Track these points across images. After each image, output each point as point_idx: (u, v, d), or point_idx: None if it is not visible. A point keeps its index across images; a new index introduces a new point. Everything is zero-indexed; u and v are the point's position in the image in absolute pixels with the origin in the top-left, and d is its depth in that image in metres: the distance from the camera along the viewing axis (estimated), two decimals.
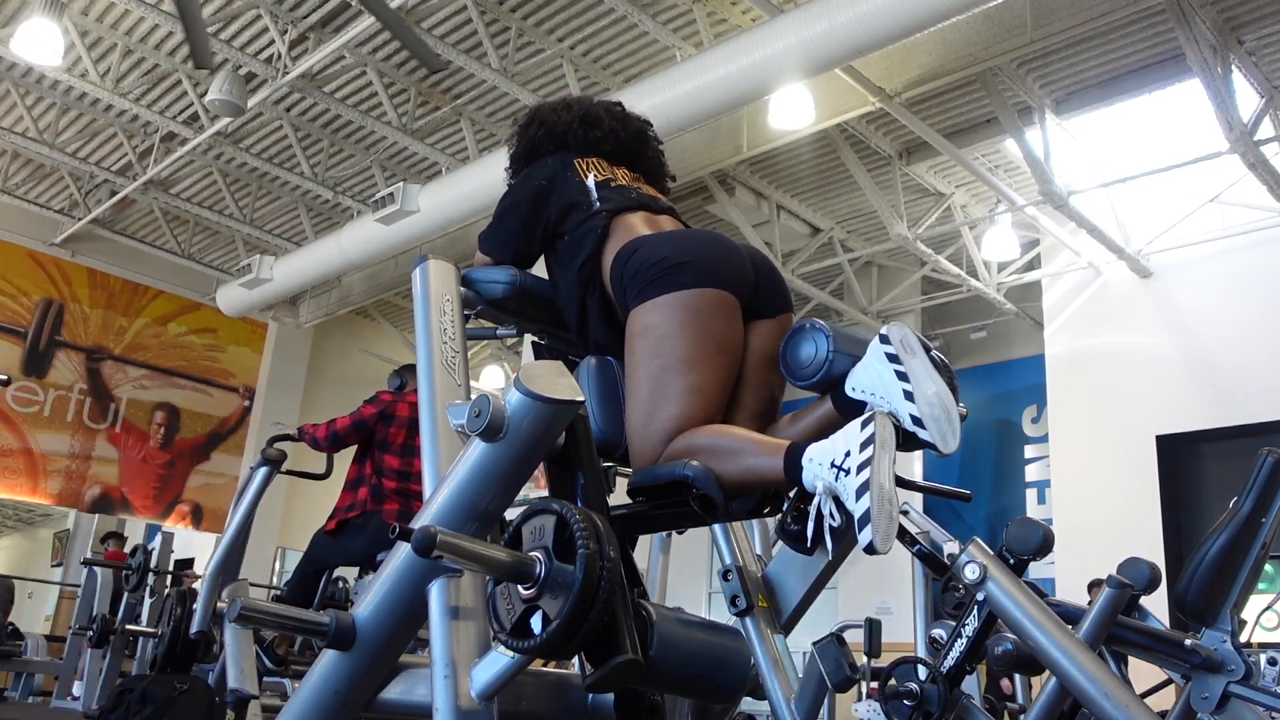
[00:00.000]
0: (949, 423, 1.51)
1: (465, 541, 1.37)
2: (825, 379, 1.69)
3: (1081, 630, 2.07)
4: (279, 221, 10.11)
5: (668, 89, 6.02)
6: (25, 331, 10.08)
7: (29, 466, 9.98)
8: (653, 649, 1.51)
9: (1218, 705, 2.18)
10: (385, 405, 4.50)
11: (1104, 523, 7.51)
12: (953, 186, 8.42)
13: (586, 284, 1.92)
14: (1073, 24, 5.71)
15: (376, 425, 4.47)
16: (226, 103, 6.91)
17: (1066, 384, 8.41)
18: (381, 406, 4.50)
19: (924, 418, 1.47)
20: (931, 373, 1.55)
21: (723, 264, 1.81)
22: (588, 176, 2.04)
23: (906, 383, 1.50)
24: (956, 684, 1.95)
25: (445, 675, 1.48)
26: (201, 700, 3.42)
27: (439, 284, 1.90)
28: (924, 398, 1.48)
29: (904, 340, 1.56)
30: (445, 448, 1.69)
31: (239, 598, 1.80)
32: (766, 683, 1.88)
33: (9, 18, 7.10)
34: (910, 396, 1.49)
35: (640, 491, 1.73)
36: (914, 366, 1.53)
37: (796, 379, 1.75)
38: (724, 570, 1.99)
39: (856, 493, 1.40)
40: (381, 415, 4.48)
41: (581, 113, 2.15)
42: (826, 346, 1.69)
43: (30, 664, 7.17)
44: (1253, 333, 7.49)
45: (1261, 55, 6.41)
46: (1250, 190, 7.21)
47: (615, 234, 1.92)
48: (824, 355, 1.69)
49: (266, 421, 11.05)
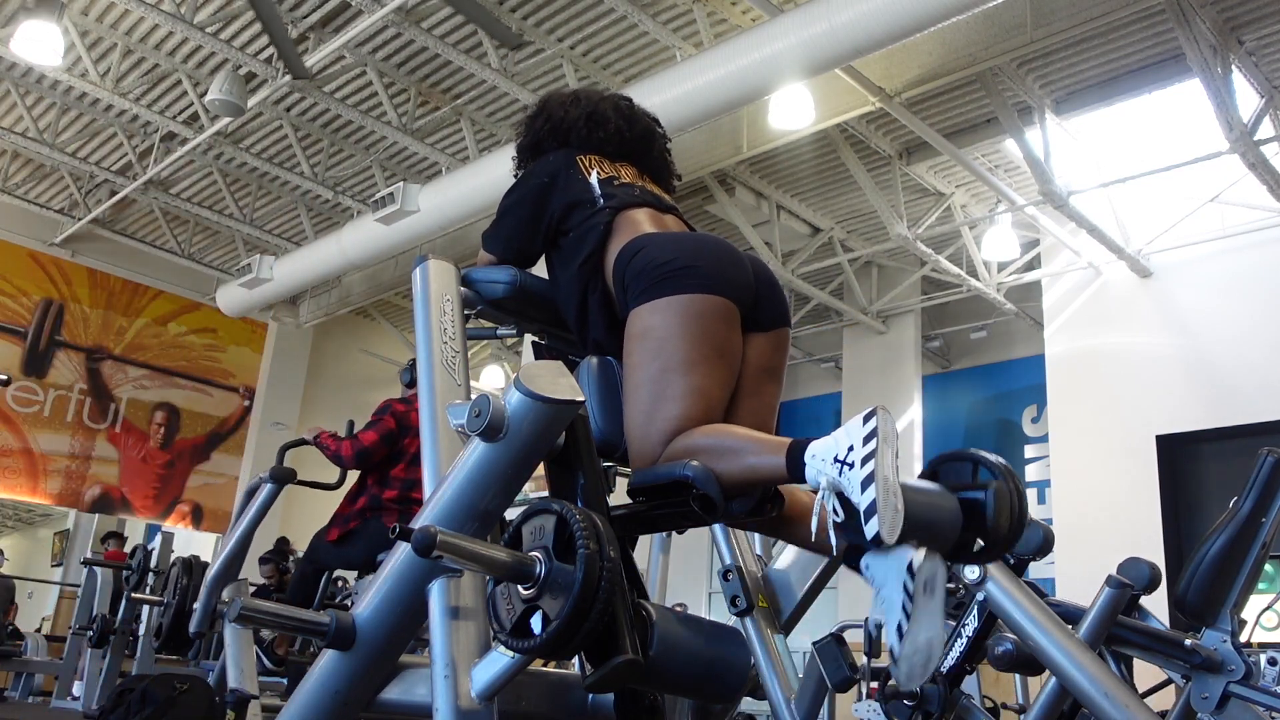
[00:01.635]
0: (923, 670, 1.47)
1: (465, 541, 1.37)
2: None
3: (1081, 630, 2.07)
4: (279, 221, 10.12)
5: (668, 89, 6.02)
6: (25, 331, 10.08)
7: (29, 466, 9.98)
8: (653, 649, 1.51)
9: (1218, 705, 2.18)
10: (401, 415, 4.41)
11: (1104, 523, 7.51)
12: (953, 186, 8.42)
13: (588, 281, 1.92)
14: (1073, 24, 5.71)
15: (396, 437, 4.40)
16: (226, 103, 6.91)
17: (1066, 384, 8.40)
18: (398, 416, 4.40)
19: (900, 658, 1.45)
20: (935, 619, 1.50)
21: (728, 272, 1.81)
22: (591, 173, 2.04)
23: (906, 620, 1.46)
24: (956, 684, 1.95)
25: (445, 675, 1.48)
26: (201, 700, 3.42)
27: (439, 284, 1.90)
28: (913, 644, 1.45)
29: (929, 582, 1.50)
30: (445, 448, 1.69)
31: (239, 598, 1.80)
32: (766, 683, 1.88)
33: (9, 18, 7.10)
34: (900, 634, 1.46)
35: (640, 491, 1.73)
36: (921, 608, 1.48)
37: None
38: (724, 570, 1.99)
39: (861, 485, 1.40)
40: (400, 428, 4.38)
41: (589, 110, 2.14)
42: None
43: (30, 664, 7.18)
44: (1253, 333, 7.49)
45: (1261, 55, 6.41)
46: (1250, 190, 7.21)
47: (619, 231, 1.92)
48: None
49: (266, 421, 11.06)
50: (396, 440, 4.38)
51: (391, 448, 4.37)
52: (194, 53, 7.59)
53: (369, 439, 4.29)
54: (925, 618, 1.45)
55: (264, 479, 3.67)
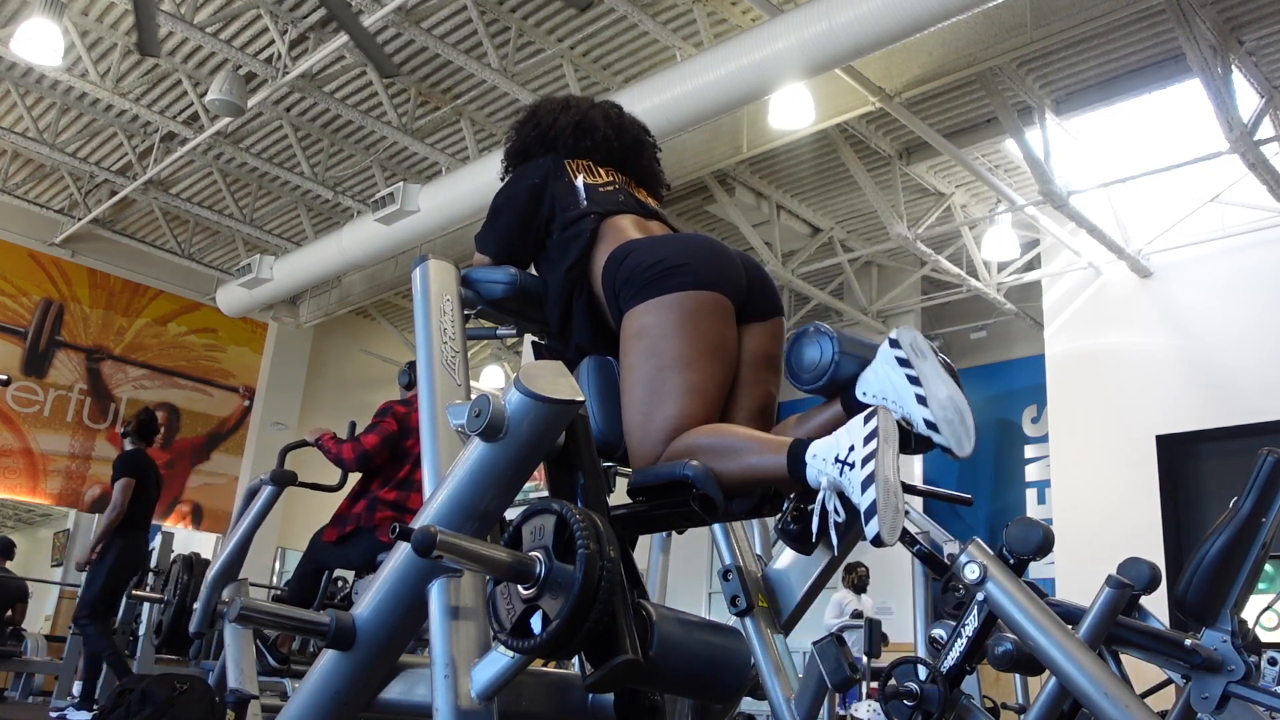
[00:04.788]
0: (963, 425, 1.50)
1: (465, 541, 1.37)
2: (830, 383, 1.69)
3: (1081, 630, 2.07)
4: (279, 221, 10.12)
5: (668, 89, 6.02)
6: (25, 331, 10.08)
7: (29, 466, 9.98)
8: (653, 649, 1.51)
9: (1218, 705, 2.18)
10: (401, 417, 4.42)
11: (1104, 523, 7.51)
12: (953, 186, 8.42)
13: (574, 285, 1.92)
14: (1073, 24, 5.71)
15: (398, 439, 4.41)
16: (226, 103, 6.92)
17: (1066, 384, 8.41)
18: (399, 418, 4.41)
19: (938, 421, 1.47)
20: (944, 376, 1.55)
21: (717, 267, 1.82)
22: (577, 178, 2.04)
23: (919, 387, 1.49)
24: (956, 684, 1.95)
25: (445, 675, 1.48)
26: (201, 700, 3.42)
27: (439, 284, 1.90)
28: (937, 401, 1.48)
29: (914, 344, 1.55)
30: (445, 448, 1.69)
31: (239, 597, 1.80)
32: (766, 683, 1.88)
33: (9, 18, 7.10)
34: (924, 401, 1.48)
35: (640, 491, 1.73)
36: (925, 370, 1.52)
37: (802, 383, 1.74)
38: (724, 570, 1.98)
39: (862, 485, 1.41)
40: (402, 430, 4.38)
41: (578, 118, 2.14)
42: (831, 350, 1.68)
43: (30, 664, 7.18)
44: (1252, 332, 7.49)
45: (1261, 55, 6.41)
46: (1250, 190, 7.22)
47: (605, 237, 1.93)
48: (829, 359, 1.68)
49: (266, 421, 11.07)
50: (398, 442, 4.38)
51: (393, 450, 4.36)
52: (194, 53, 7.59)
53: (370, 442, 4.30)
54: (932, 375, 1.51)
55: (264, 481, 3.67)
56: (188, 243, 10.55)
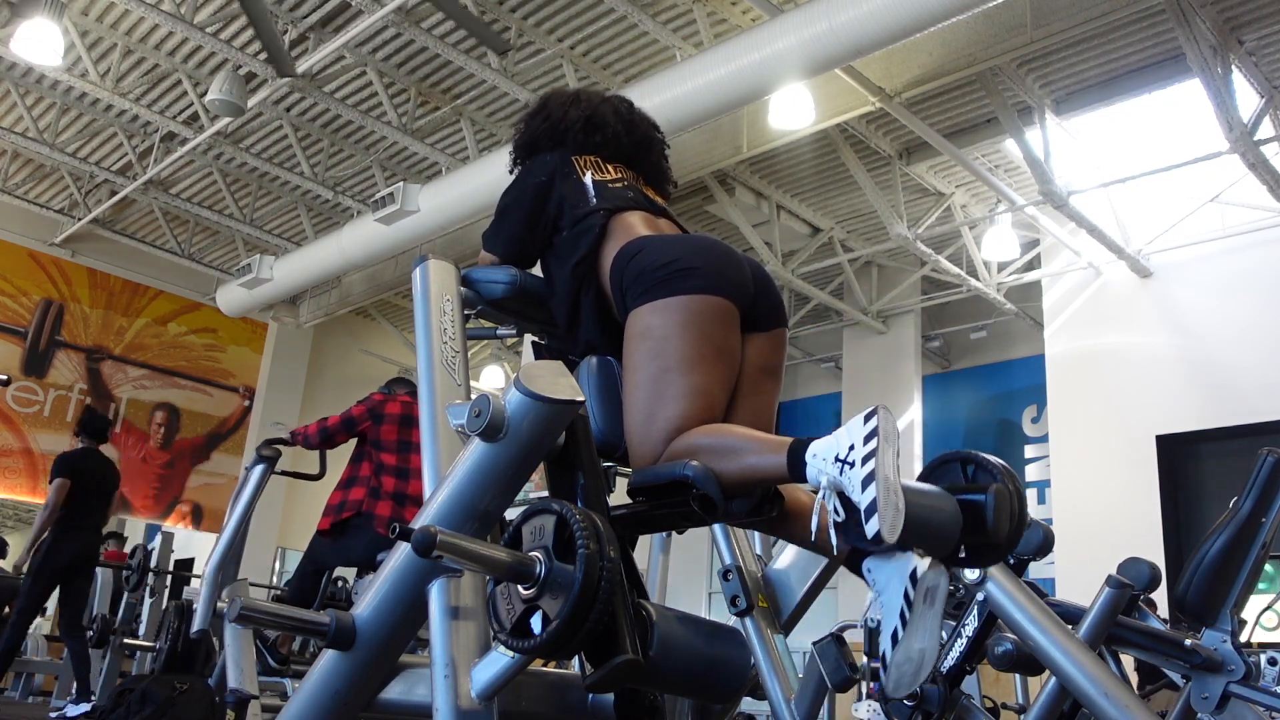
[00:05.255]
0: (910, 678, 1.46)
1: (465, 541, 1.37)
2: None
3: (1081, 630, 2.07)
4: (279, 221, 10.12)
5: (668, 89, 6.02)
6: (25, 331, 10.08)
7: (29, 466, 9.98)
8: (653, 649, 1.51)
9: (1218, 705, 2.18)
10: (375, 404, 4.58)
11: (1104, 523, 7.51)
12: (953, 186, 8.42)
13: (582, 281, 1.92)
14: (1073, 24, 5.71)
15: (368, 424, 4.52)
16: (226, 103, 6.92)
17: (1066, 384, 8.41)
18: (370, 405, 4.58)
19: (891, 664, 1.44)
20: (932, 629, 1.48)
21: (727, 272, 1.81)
22: (585, 174, 2.03)
23: (903, 627, 1.45)
24: (956, 684, 1.95)
25: (445, 675, 1.48)
26: (201, 700, 3.43)
27: (439, 284, 1.90)
28: (905, 649, 1.44)
29: (930, 592, 1.49)
30: (445, 448, 1.69)
31: (239, 598, 1.80)
32: (766, 683, 1.88)
33: (9, 18, 7.10)
34: (894, 640, 1.45)
35: (640, 491, 1.73)
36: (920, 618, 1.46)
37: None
38: (724, 570, 1.99)
39: (862, 484, 1.40)
40: (371, 414, 4.55)
41: (588, 113, 2.13)
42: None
43: (30, 664, 7.18)
44: (1252, 332, 7.49)
45: (1261, 55, 6.41)
46: (1250, 190, 7.21)
47: (614, 234, 1.92)
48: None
49: (266, 421, 11.05)
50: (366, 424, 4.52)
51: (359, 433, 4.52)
52: (194, 53, 7.59)
53: (331, 421, 4.50)
54: (922, 627, 1.45)
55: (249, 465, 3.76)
56: (188, 243, 10.55)
